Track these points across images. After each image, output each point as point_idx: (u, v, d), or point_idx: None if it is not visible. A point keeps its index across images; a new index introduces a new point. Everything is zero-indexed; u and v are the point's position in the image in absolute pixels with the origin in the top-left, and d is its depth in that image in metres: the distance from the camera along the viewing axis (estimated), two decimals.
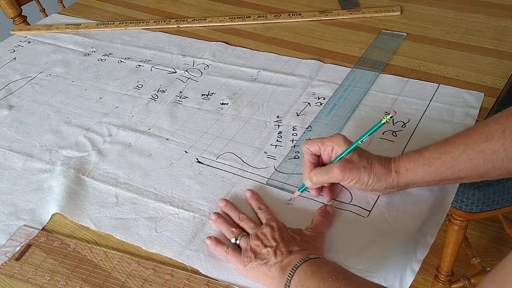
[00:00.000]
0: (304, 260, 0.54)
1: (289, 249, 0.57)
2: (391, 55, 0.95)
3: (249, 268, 0.58)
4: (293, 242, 0.58)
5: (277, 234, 0.59)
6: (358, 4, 1.13)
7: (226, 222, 0.64)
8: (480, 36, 0.98)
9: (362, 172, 0.61)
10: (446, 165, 0.59)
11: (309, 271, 0.52)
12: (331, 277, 0.50)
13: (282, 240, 0.58)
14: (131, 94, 0.92)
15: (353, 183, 0.62)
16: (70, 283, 0.60)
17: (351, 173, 0.61)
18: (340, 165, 0.61)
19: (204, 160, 0.76)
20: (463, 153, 0.58)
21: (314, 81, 0.90)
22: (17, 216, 0.69)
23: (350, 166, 0.61)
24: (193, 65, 0.99)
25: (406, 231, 0.62)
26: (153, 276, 0.60)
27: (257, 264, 0.57)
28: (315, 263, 0.54)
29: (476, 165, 0.58)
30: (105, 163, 0.77)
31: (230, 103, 0.87)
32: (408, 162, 0.61)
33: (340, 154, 0.63)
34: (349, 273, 0.52)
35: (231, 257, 0.60)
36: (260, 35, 1.07)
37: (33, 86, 0.97)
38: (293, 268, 0.54)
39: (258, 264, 0.57)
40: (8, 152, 0.81)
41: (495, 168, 0.58)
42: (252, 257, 0.58)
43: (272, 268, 0.56)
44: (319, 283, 0.51)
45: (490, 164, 0.57)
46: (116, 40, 1.10)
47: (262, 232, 0.60)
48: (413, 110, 0.81)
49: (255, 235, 0.60)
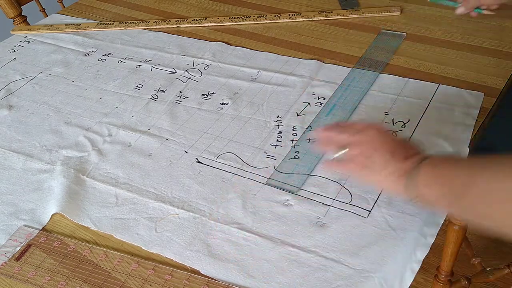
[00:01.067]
0: (426, 158, 0.56)
1: (404, 155, 0.58)
2: (391, 55, 0.95)
3: (364, 172, 0.61)
4: (405, 146, 0.60)
5: (383, 139, 0.61)
6: (358, 4, 1.13)
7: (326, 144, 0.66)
8: (480, 36, 0.98)
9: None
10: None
11: (439, 163, 0.55)
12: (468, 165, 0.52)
13: (392, 146, 0.60)
14: (131, 94, 0.92)
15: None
16: (70, 283, 0.60)
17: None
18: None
19: (204, 160, 0.76)
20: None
21: (314, 81, 0.90)
22: (17, 216, 0.69)
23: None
24: (193, 65, 0.99)
25: (406, 231, 0.62)
26: (153, 276, 0.60)
27: (372, 171, 0.60)
28: (439, 158, 0.56)
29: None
30: (105, 163, 0.77)
31: (230, 103, 0.87)
32: None
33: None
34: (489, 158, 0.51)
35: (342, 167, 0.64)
36: (260, 35, 1.07)
37: (33, 86, 0.97)
38: (417, 168, 0.56)
39: (372, 172, 0.60)
40: (8, 152, 0.81)
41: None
42: (363, 165, 0.60)
43: (390, 176, 0.58)
44: (456, 171, 0.52)
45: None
46: (116, 40, 1.10)
47: (365, 140, 0.61)
48: (413, 110, 0.81)
49: (357, 146, 0.62)
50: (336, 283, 0.57)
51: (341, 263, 0.59)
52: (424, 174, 0.55)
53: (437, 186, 0.54)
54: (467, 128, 0.76)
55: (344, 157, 0.63)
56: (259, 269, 0.60)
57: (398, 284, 0.57)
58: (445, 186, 0.53)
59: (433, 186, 0.54)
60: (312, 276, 0.58)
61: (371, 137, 0.61)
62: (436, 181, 0.54)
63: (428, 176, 0.55)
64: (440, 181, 0.54)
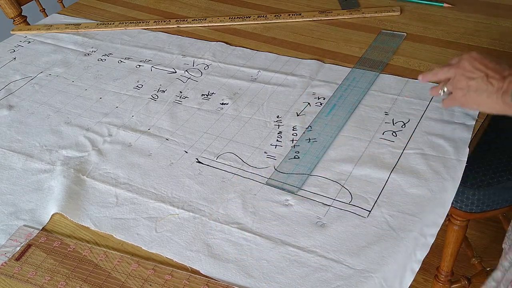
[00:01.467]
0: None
1: (502, 75, 0.63)
2: (391, 55, 0.95)
3: (467, 97, 0.66)
4: (500, 66, 0.64)
5: (478, 63, 0.65)
6: (358, 4, 1.13)
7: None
8: (480, 36, 0.98)
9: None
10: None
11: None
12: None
13: (488, 68, 0.64)
14: (131, 94, 0.92)
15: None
16: (70, 283, 0.60)
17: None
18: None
19: (204, 160, 0.76)
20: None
21: (314, 81, 0.90)
22: (17, 216, 0.69)
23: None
24: (193, 65, 0.99)
25: (406, 231, 0.62)
26: (153, 276, 0.60)
27: (475, 94, 0.64)
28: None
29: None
30: (105, 163, 0.77)
31: (230, 103, 0.87)
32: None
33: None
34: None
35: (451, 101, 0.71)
36: (260, 35, 1.07)
37: (33, 86, 0.97)
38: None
39: (476, 94, 0.64)
40: (8, 152, 0.81)
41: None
42: (463, 91, 0.65)
43: (493, 95, 0.63)
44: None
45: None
46: (116, 40, 1.10)
47: (462, 67, 0.67)
48: (413, 110, 0.81)
49: (457, 73, 0.67)
50: (336, 283, 0.57)
51: (341, 263, 0.59)
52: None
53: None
54: (467, 128, 0.76)
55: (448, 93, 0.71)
56: (259, 269, 0.60)
57: (398, 284, 0.57)
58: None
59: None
60: (312, 276, 0.58)
61: (467, 62, 0.66)
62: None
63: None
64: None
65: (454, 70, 0.69)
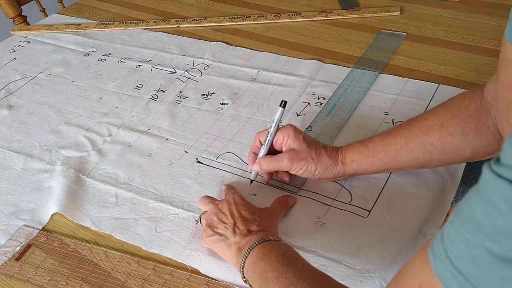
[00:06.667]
0: (259, 242, 0.55)
1: (248, 228, 0.58)
2: (391, 55, 0.95)
3: (209, 241, 0.60)
4: (252, 221, 0.59)
5: (235, 209, 0.61)
6: (358, 4, 1.13)
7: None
8: (480, 36, 0.98)
9: (310, 163, 0.64)
10: (389, 157, 0.63)
11: (260, 254, 0.53)
12: (277, 261, 0.51)
13: (241, 217, 0.59)
14: (131, 94, 0.92)
15: (301, 172, 0.65)
16: (70, 283, 0.60)
17: (299, 163, 0.64)
18: (290, 156, 0.64)
19: (204, 160, 0.76)
20: (404, 146, 0.62)
21: (314, 81, 0.90)
22: (17, 216, 0.69)
23: (299, 156, 0.64)
24: (193, 65, 0.99)
25: (406, 231, 0.62)
26: (153, 276, 0.60)
27: (217, 239, 0.59)
28: (267, 245, 0.54)
29: (416, 157, 0.62)
30: (105, 163, 0.77)
31: (230, 103, 0.87)
32: (354, 153, 0.64)
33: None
34: (296, 258, 0.53)
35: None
36: (260, 35, 1.07)
37: (33, 86, 0.97)
38: (248, 250, 0.54)
39: (218, 239, 0.59)
40: (8, 152, 0.81)
41: (433, 160, 0.61)
42: (210, 232, 0.60)
43: (232, 247, 0.57)
44: (266, 267, 0.52)
45: (429, 156, 0.61)
46: (116, 40, 1.10)
47: (219, 207, 0.62)
48: (413, 110, 0.81)
49: (212, 211, 0.62)
50: None
51: (341, 263, 0.59)
52: (250, 258, 0.54)
53: (253, 275, 0.53)
54: None
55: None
56: None
57: None
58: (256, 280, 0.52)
59: (251, 275, 0.54)
60: None
61: (226, 204, 0.62)
62: (254, 270, 0.53)
63: (252, 262, 0.54)
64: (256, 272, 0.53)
65: (211, 206, 0.63)
